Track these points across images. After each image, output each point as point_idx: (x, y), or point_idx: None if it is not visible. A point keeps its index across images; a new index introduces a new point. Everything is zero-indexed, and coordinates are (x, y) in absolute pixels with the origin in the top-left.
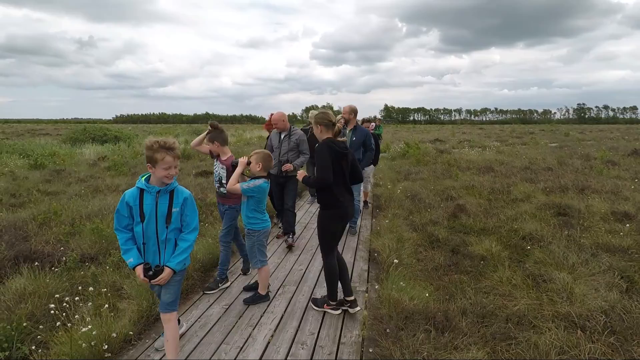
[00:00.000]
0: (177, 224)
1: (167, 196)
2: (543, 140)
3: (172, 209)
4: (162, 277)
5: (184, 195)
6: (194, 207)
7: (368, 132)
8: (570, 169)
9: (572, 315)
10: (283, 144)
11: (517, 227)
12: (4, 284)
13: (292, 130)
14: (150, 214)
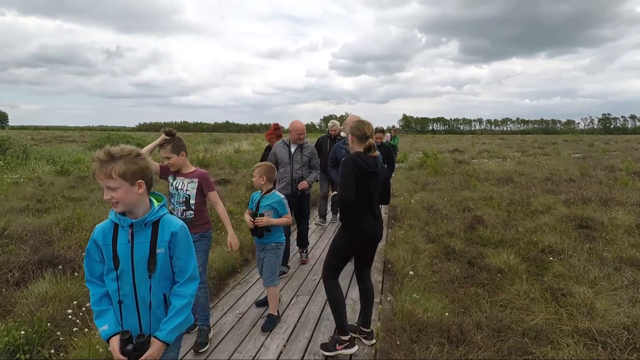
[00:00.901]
0: (165, 272)
1: (147, 231)
2: (566, 150)
3: (155, 249)
4: (149, 354)
5: (173, 228)
6: (189, 246)
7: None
8: (593, 180)
9: (593, 331)
10: (295, 158)
11: (537, 240)
12: (28, 287)
13: (304, 142)
14: (124, 258)
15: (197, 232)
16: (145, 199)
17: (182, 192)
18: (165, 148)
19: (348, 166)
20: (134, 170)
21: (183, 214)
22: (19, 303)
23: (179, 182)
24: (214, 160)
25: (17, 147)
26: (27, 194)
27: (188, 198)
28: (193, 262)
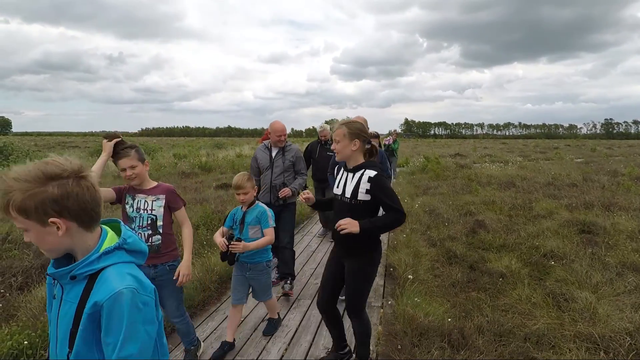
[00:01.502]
0: (86, 348)
1: (78, 288)
2: (568, 155)
3: (79, 319)
4: None
5: (99, 297)
6: (126, 325)
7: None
8: (596, 185)
9: (595, 336)
10: (276, 162)
11: (539, 244)
12: (31, 292)
13: (287, 145)
14: (52, 319)
15: (166, 262)
16: (82, 240)
17: (146, 213)
18: (127, 155)
19: (387, 181)
20: (38, 203)
21: (149, 240)
22: (23, 307)
23: (140, 202)
24: (216, 164)
25: (20, 153)
26: None
27: (154, 220)
28: (132, 349)
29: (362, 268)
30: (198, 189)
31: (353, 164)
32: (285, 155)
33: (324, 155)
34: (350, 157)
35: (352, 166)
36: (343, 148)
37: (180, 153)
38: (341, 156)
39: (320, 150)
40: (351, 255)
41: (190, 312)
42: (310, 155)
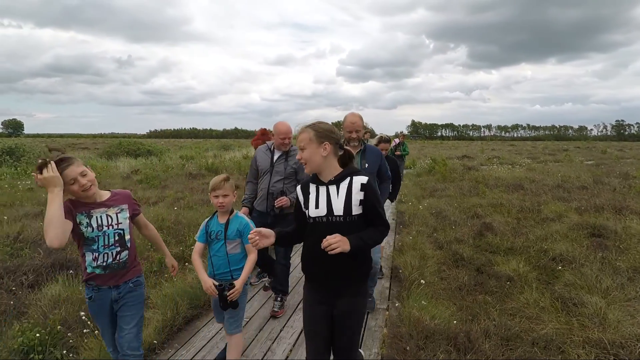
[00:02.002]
0: None
1: None
2: (578, 157)
3: None
4: None
5: None
6: None
7: (381, 154)
8: (606, 187)
9: (605, 342)
10: (277, 167)
11: (547, 248)
12: (41, 290)
13: (292, 149)
14: None
15: (131, 279)
16: None
17: (112, 229)
18: (71, 163)
19: None
20: None
21: (116, 257)
22: (33, 305)
23: (101, 218)
24: (223, 165)
25: (31, 155)
26: (42, 200)
27: (122, 234)
28: None
29: (360, 305)
30: (205, 190)
31: (330, 173)
32: (288, 161)
33: None
34: (322, 165)
35: (332, 177)
36: (311, 155)
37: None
38: (311, 166)
39: None
40: (346, 288)
41: (195, 312)
42: None
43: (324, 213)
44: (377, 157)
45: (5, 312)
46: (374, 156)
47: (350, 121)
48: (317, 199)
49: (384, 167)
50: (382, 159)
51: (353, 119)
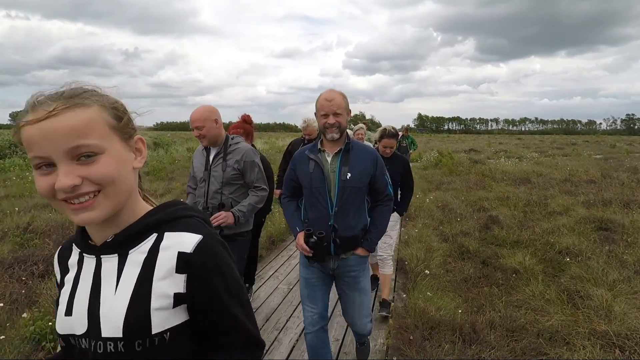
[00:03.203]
0: None
1: None
2: (586, 151)
3: None
4: None
5: None
6: None
7: (377, 156)
8: (615, 182)
9: (610, 334)
10: (214, 170)
11: (554, 241)
12: (52, 279)
13: (229, 143)
14: None
15: None
16: None
17: None
18: None
19: None
20: None
21: None
22: (44, 294)
23: None
24: None
25: None
26: None
27: None
28: None
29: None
30: None
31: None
32: (227, 160)
33: None
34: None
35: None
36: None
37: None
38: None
39: None
40: None
41: None
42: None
43: (346, 177)
44: (369, 163)
45: (17, 301)
46: (363, 161)
47: (325, 98)
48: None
49: (382, 180)
50: (377, 164)
51: (330, 95)
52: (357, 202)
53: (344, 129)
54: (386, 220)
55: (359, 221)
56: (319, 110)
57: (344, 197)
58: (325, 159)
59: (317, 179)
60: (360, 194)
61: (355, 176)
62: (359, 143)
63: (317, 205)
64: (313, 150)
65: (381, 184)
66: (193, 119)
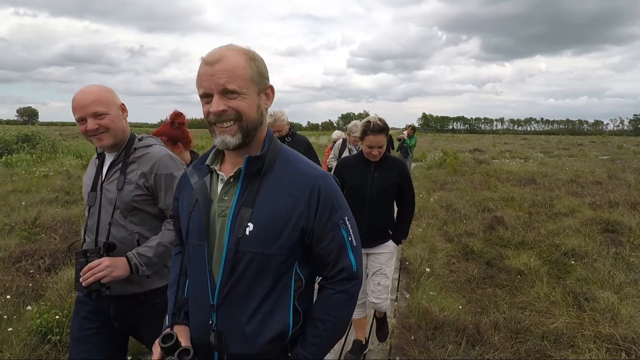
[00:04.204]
0: None
1: None
2: (593, 152)
3: None
4: None
5: None
6: None
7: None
8: (621, 183)
9: (616, 337)
10: (105, 191)
11: (559, 242)
12: (58, 273)
13: (134, 146)
14: None
15: None
16: None
17: None
18: None
19: None
20: None
21: None
22: (50, 288)
23: None
24: None
25: (46, 142)
26: (57, 186)
27: None
28: None
29: None
30: None
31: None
32: (127, 172)
33: None
34: None
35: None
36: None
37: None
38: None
39: None
40: None
41: None
42: None
43: None
44: (301, 202)
45: (24, 294)
46: (289, 196)
47: (207, 61)
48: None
49: (334, 239)
50: (320, 202)
51: (216, 55)
52: (269, 283)
53: (254, 125)
54: (338, 328)
55: (270, 324)
56: (197, 84)
57: (236, 274)
58: (215, 188)
59: (195, 228)
60: (280, 268)
61: (263, 230)
62: (293, 157)
63: (195, 278)
64: (198, 168)
65: (330, 246)
66: (87, 102)
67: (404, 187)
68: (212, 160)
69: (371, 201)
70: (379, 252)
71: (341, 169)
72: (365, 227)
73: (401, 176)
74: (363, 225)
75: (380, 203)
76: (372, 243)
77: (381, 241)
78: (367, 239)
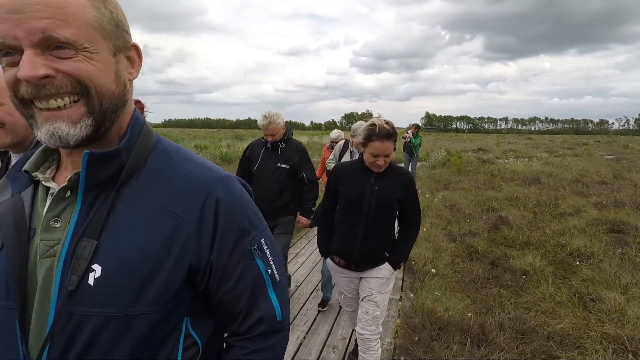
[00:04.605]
0: None
1: None
2: (598, 152)
3: None
4: None
5: None
6: None
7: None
8: (627, 183)
9: (623, 338)
10: None
11: (564, 242)
12: None
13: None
14: None
15: None
16: None
17: None
18: None
19: None
20: None
21: None
22: None
23: None
24: (236, 155)
25: None
26: None
27: None
28: None
29: None
30: None
31: None
32: None
33: (271, 168)
34: None
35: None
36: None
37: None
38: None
39: (267, 154)
40: None
41: None
42: (250, 163)
43: None
44: (177, 230)
45: None
46: (156, 223)
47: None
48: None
49: (243, 291)
50: (217, 228)
51: None
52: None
53: (113, 104)
54: None
55: None
56: None
57: (73, 354)
58: (39, 210)
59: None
60: (157, 333)
61: (118, 276)
62: (178, 154)
63: None
64: (13, 177)
65: (238, 288)
66: None
67: (409, 203)
68: (38, 165)
69: (368, 217)
70: (372, 276)
71: (336, 177)
72: (358, 247)
73: (406, 190)
74: (355, 244)
75: (379, 220)
76: (364, 266)
77: (376, 264)
78: (360, 261)
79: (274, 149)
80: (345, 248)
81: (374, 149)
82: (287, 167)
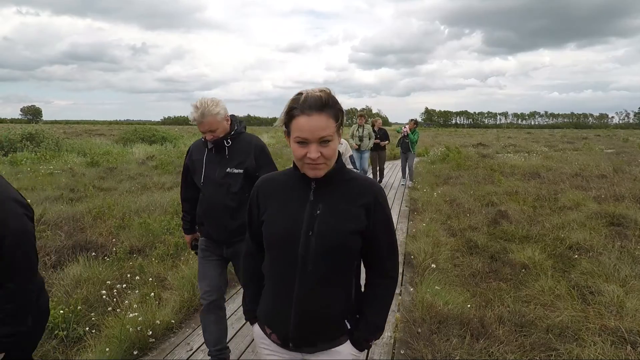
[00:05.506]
0: None
1: None
2: (598, 146)
3: None
4: None
5: None
6: None
7: None
8: (627, 176)
9: (622, 330)
10: None
11: (564, 236)
12: (64, 270)
13: None
14: None
15: None
16: None
17: None
18: None
19: None
20: None
21: None
22: (56, 284)
23: None
24: None
25: (50, 141)
26: (61, 184)
27: None
28: None
29: None
30: None
31: None
32: None
33: (218, 177)
34: None
35: None
36: None
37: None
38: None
39: (210, 156)
40: None
41: None
42: (194, 168)
43: None
44: None
45: None
46: None
47: None
48: None
49: None
50: None
51: None
52: None
53: None
54: None
55: None
56: None
57: None
58: None
59: None
60: None
61: None
62: None
63: None
64: None
65: None
66: None
67: (378, 236)
68: None
69: (306, 263)
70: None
71: (257, 195)
72: (295, 312)
73: (371, 212)
74: (289, 312)
75: (326, 267)
76: (308, 346)
77: (328, 341)
78: (299, 334)
79: (219, 150)
80: (275, 315)
81: (298, 129)
82: (240, 172)
